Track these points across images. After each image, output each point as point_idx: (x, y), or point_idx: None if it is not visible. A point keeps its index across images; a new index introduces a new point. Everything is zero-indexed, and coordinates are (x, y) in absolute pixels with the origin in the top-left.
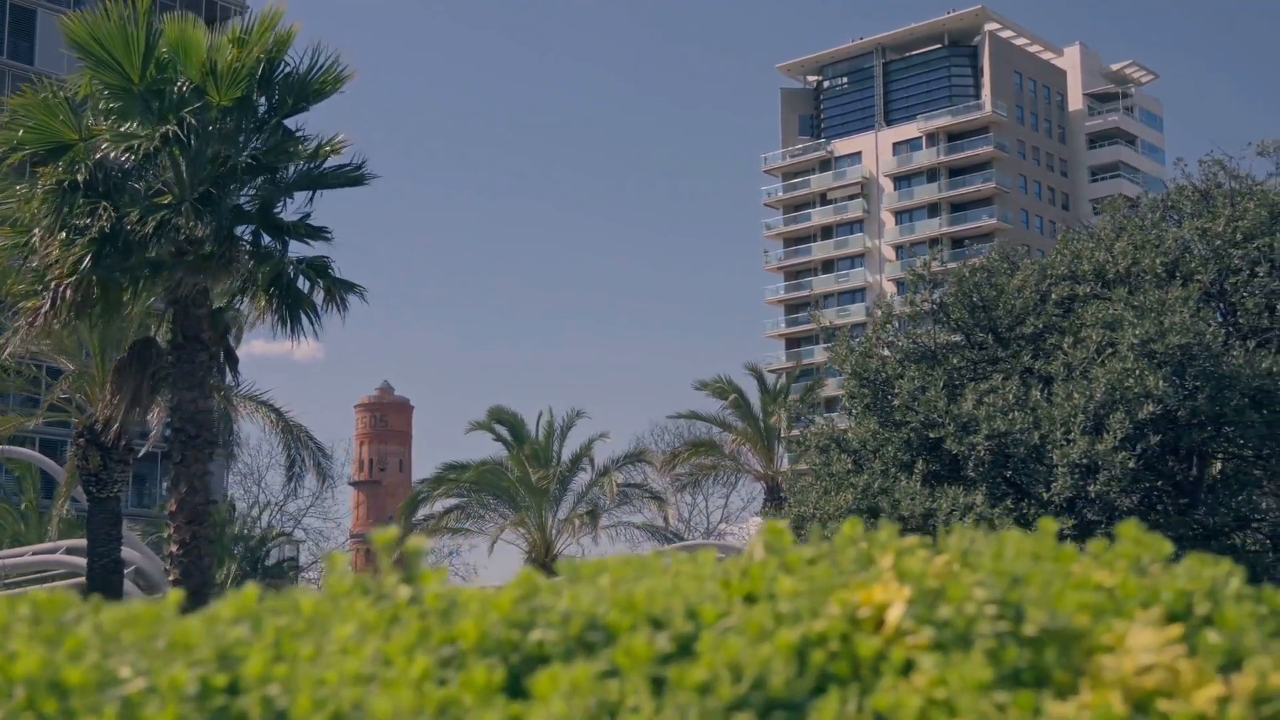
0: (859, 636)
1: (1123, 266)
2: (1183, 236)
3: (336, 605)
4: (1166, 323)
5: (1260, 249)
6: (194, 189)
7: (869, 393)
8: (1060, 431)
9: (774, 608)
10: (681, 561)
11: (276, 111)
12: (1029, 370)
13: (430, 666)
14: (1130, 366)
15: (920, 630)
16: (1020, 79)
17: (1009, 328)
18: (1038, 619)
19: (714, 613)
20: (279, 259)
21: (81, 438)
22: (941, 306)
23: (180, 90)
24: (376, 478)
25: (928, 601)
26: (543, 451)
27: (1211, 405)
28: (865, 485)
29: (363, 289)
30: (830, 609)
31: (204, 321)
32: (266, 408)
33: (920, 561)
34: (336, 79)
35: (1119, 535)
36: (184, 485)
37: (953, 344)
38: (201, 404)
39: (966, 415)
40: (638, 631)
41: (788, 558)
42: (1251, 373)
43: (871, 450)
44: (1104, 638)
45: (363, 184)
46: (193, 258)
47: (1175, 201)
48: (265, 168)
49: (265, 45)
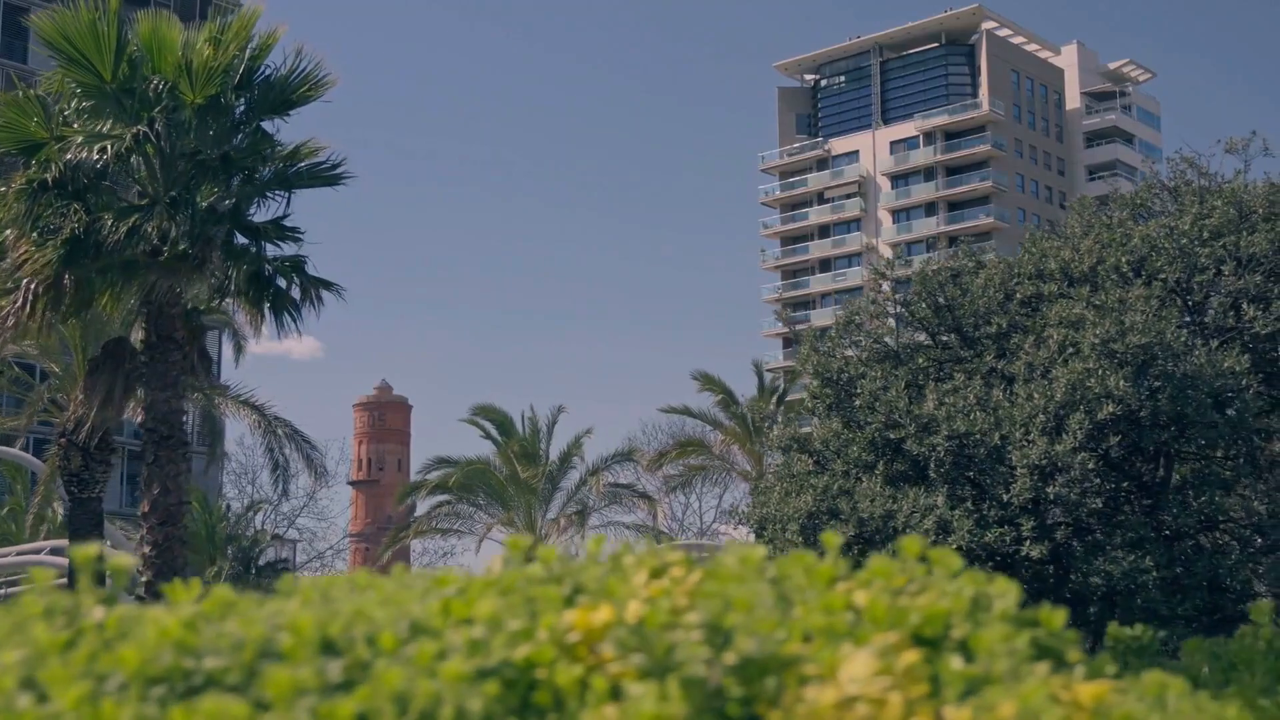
0: (562, 664)
1: (1087, 265)
2: (1149, 235)
3: (19, 627)
4: (1128, 322)
5: (1226, 247)
6: (167, 190)
7: (831, 393)
8: (1020, 432)
9: (470, 633)
10: (398, 580)
11: (254, 113)
12: (993, 370)
13: (83, 695)
14: (1091, 367)
15: (629, 657)
16: (1017, 78)
17: (974, 327)
18: (743, 647)
19: (393, 640)
20: (254, 259)
21: (63, 438)
22: (905, 305)
23: (154, 89)
24: (375, 477)
25: (637, 627)
26: (531, 449)
27: (1173, 405)
28: (825, 487)
29: (340, 287)
30: (540, 634)
31: (177, 321)
32: (249, 406)
33: (673, 581)
34: (318, 85)
35: (900, 550)
36: (157, 486)
37: (918, 344)
38: (175, 404)
39: (927, 416)
40: (309, 660)
41: (506, 577)
42: (1213, 372)
43: (834, 451)
44: (808, 668)
45: (338, 184)
46: (165, 259)
47: (1144, 200)
48: (240, 168)
49: (241, 44)
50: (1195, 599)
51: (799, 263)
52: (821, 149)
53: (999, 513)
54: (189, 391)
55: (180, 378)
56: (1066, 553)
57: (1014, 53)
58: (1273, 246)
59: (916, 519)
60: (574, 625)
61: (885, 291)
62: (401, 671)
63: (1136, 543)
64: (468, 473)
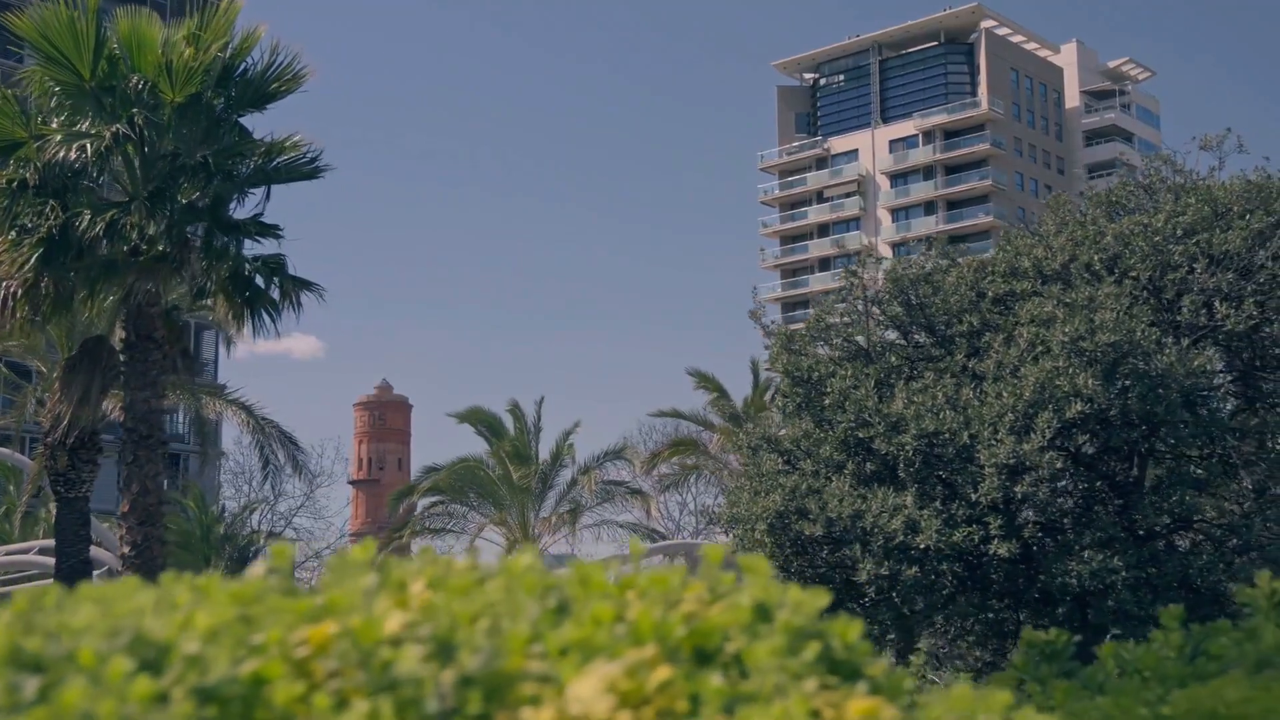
0: (281, 682)
1: (1059, 263)
2: (1123, 232)
3: None
4: (1097, 320)
5: (1199, 245)
6: (146, 188)
7: (801, 392)
8: (988, 431)
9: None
10: (114, 588)
11: (233, 110)
12: (965, 369)
13: None
14: (1061, 365)
15: (351, 674)
16: (1017, 76)
17: (945, 325)
18: (466, 663)
19: (92, 656)
20: (234, 258)
21: (49, 437)
22: (877, 303)
23: (133, 87)
24: (375, 476)
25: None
26: (522, 448)
27: (1142, 404)
28: (794, 486)
29: (320, 287)
30: (270, 650)
31: (157, 320)
32: (237, 406)
33: (456, 589)
34: (294, 78)
35: (704, 558)
36: (136, 485)
37: (889, 343)
38: (154, 403)
39: (896, 415)
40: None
41: (242, 587)
42: (1184, 371)
43: (804, 451)
44: (528, 687)
45: (317, 177)
46: (144, 258)
47: (1119, 197)
48: (220, 166)
49: (222, 42)
50: (1166, 599)
51: (798, 262)
52: (821, 148)
53: (967, 512)
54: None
55: (160, 377)
56: (1037, 553)
57: (1013, 51)
58: (1246, 244)
59: (885, 519)
60: (306, 640)
61: (856, 290)
62: (85, 690)
63: (1107, 542)
64: (459, 472)
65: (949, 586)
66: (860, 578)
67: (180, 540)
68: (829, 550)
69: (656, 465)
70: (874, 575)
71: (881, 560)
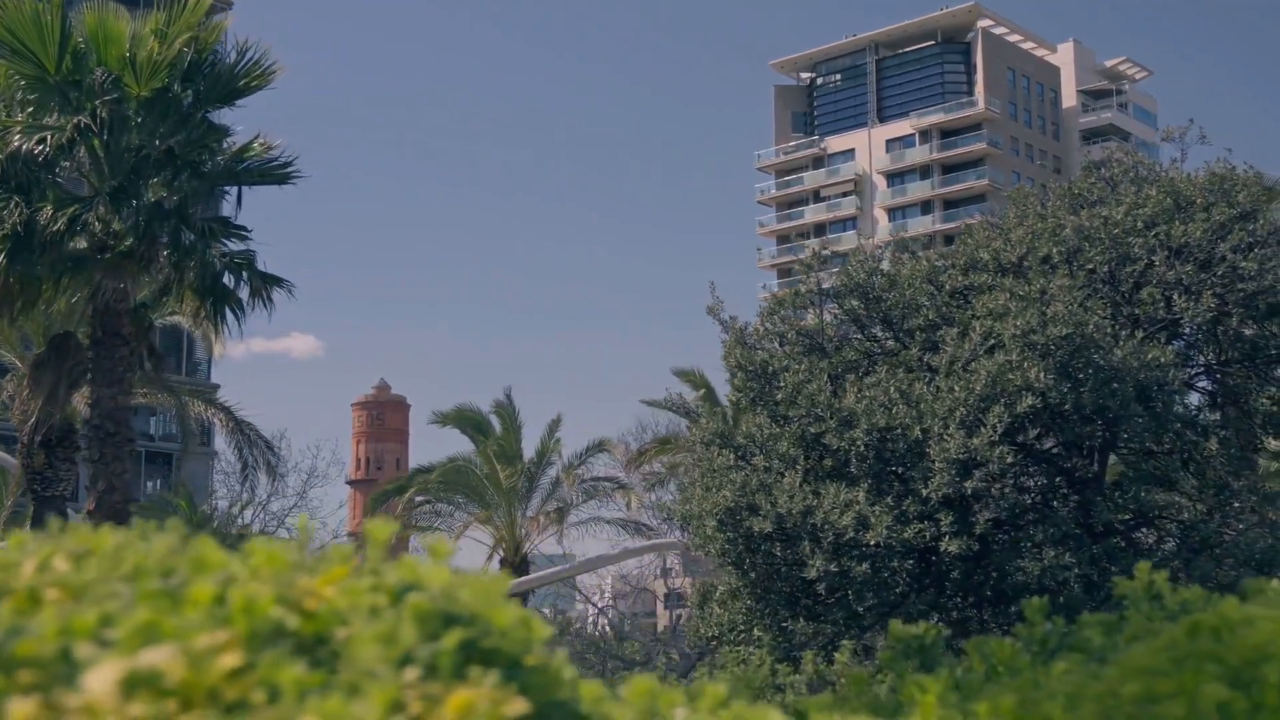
0: None
1: (1016, 255)
2: (1081, 225)
3: None
4: (1050, 313)
5: (1159, 237)
6: (110, 183)
7: (755, 387)
8: (938, 426)
9: None
10: None
11: (201, 105)
12: (920, 362)
13: None
14: (1014, 359)
15: None
16: (1014, 75)
17: (901, 319)
18: None
19: None
20: (202, 255)
21: (24, 435)
22: (835, 296)
23: (98, 81)
24: (373, 476)
25: None
26: (508, 447)
27: (1095, 398)
28: (744, 482)
29: (290, 284)
30: None
31: (124, 317)
32: (215, 406)
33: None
34: (263, 74)
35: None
36: (103, 483)
37: (846, 336)
38: (121, 400)
39: (847, 410)
40: None
41: None
42: (1138, 364)
43: (758, 446)
44: (25, 675)
45: (289, 182)
46: (112, 255)
47: (1081, 190)
48: (186, 163)
49: (188, 35)
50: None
51: (795, 261)
52: (817, 147)
53: (919, 508)
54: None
55: (126, 374)
56: (990, 549)
57: (1010, 51)
58: (1208, 236)
59: (835, 514)
60: None
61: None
62: None
63: (1061, 539)
64: (446, 472)
65: (902, 584)
66: (810, 575)
67: None
68: (781, 547)
69: (642, 462)
70: (824, 572)
71: (832, 557)
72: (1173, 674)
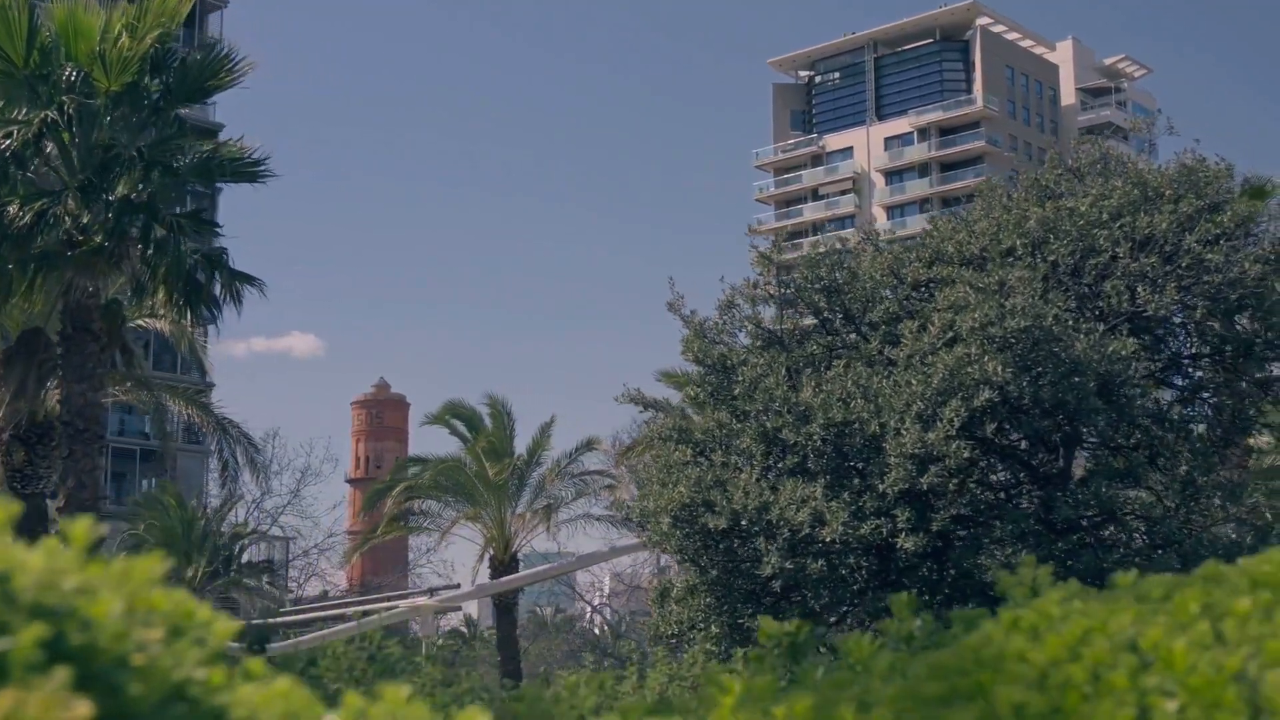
0: None
1: (978, 247)
2: (1046, 217)
3: None
4: (1009, 305)
5: (1124, 229)
6: (79, 178)
7: (713, 381)
8: (894, 420)
9: None
10: None
11: (172, 100)
12: (881, 356)
13: None
14: (973, 352)
15: None
16: (1012, 74)
17: (861, 312)
18: None
19: None
20: (173, 251)
21: (4, 432)
22: (798, 290)
23: (68, 76)
24: (373, 475)
25: None
26: (499, 444)
27: (1055, 392)
28: (699, 478)
29: (261, 282)
30: None
31: (94, 312)
32: (195, 405)
33: None
34: (233, 70)
35: None
36: (72, 480)
37: (807, 330)
38: (90, 396)
39: (804, 404)
40: None
41: None
42: (1099, 358)
43: (717, 441)
44: None
45: (260, 180)
46: (82, 251)
47: (1049, 181)
48: (156, 158)
49: (158, 31)
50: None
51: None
52: (816, 145)
53: (877, 504)
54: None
55: (96, 370)
56: (952, 546)
57: (1009, 49)
58: (1174, 228)
59: (791, 511)
60: None
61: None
62: None
63: (1021, 536)
64: (437, 471)
65: (859, 581)
66: (765, 572)
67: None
68: (738, 544)
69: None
70: (779, 569)
71: (788, 554)
72: (973, 674)
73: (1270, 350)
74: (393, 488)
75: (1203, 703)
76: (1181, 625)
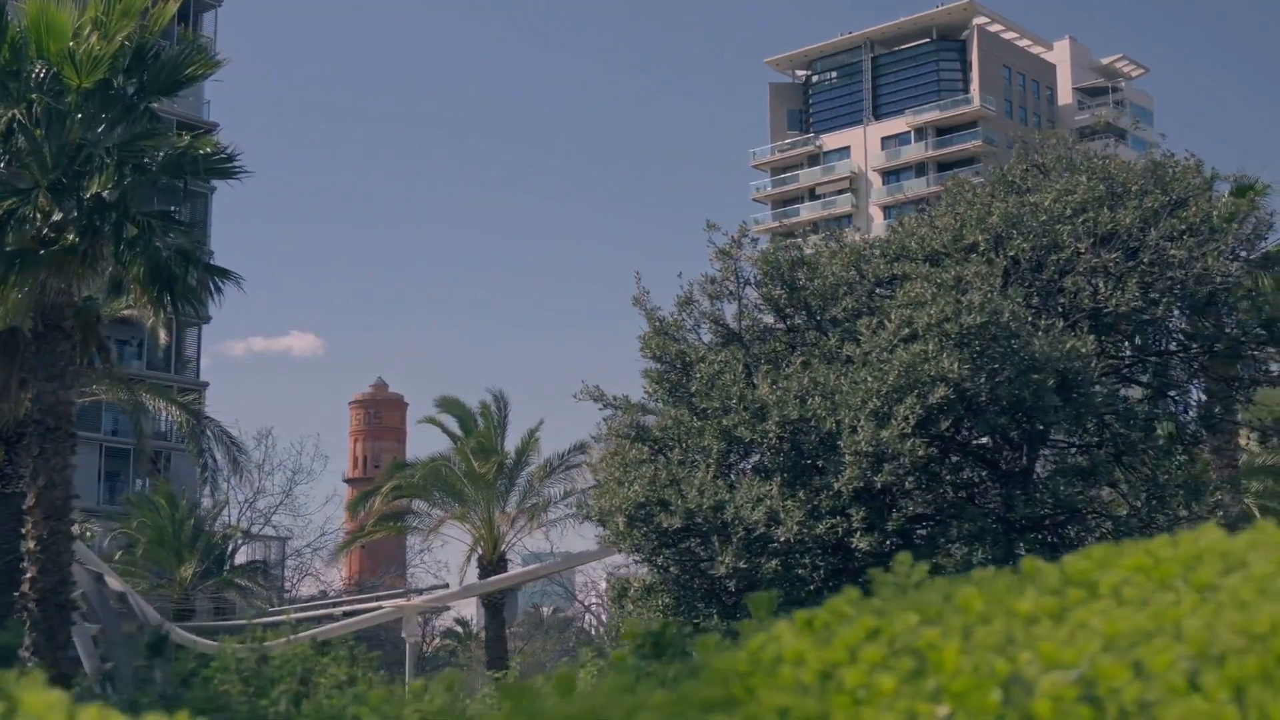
0: None
1: (940, 243)
2: (1009, 212)
3: None
4: (964, 300)
5: (1087, 224)
6: (49, 176)
7: (672, 378)
8: (850, 418)
9: None
10: None
11: (144, 96)
12: (839, 352)
13: None
14: (930, 349)
15: None
16: (1009, 73)
17: (821, 309)
18: None
19: None
20: (147, 249)
21: None
22: (756, 285)
23: (38, 73)
24: (370, 474)
25: None
26: (488, 444)
27: (1012, 389)
28: (653, 476)
29: (239, 276)
30: None
31: (66, 310)
32: (175, 404)
33: None
34: (206, 63)
35: None
36: (42, 478)
37: (766, 327)
38: (61, 394)
39: (760, 401)
40: None
41: None
42: (1057, 355)
43: (674, 439)
44: None
45: (233, 177)
46: (55, 250)
47: (1015, 178)
48: (127, 156)
49: (129, 29)
50: None
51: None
52: (813, 145)
53: (832, 503)
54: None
55: (68, 368)
56: (911, 544)
57: (1006, 48)
58: (1138, 223)
59: (747, 509)
60: None
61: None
62: None
63: (978, 534)
64: (426, 470)
65: (815, 581)
66: (719, 571)
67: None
68: (695, 543)
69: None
70: (732, 568)
71: (742, 553)
72: (747, 678)
73: (1239, 347)
74: (379, 489)
75: (970, 709)
76: (967, 627)
